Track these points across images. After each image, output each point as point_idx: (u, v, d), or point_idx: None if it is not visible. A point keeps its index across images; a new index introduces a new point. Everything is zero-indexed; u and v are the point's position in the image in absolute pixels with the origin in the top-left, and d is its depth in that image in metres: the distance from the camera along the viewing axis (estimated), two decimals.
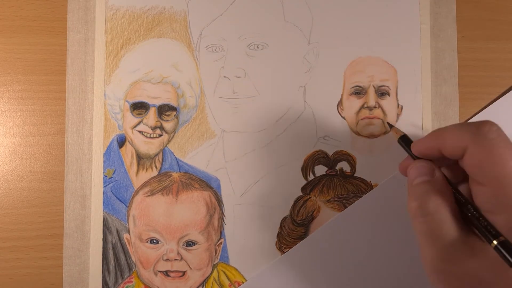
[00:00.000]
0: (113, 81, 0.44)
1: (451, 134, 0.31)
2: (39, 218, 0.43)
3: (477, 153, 0.29)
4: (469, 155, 0.29)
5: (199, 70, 0.45)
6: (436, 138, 0.32)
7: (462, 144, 0.30)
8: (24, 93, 0.44)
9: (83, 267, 0.43)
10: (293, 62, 0.45)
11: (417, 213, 0.31)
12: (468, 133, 0.30)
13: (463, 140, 0.30)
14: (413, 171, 0.33)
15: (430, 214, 0.30)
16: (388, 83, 0.45)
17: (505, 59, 0.45)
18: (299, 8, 0.45)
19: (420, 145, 0.34)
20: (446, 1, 0.45)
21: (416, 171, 0.33)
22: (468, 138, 0.30)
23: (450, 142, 0.31)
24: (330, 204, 0.43)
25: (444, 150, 0.32)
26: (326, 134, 0.44)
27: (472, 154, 0.29)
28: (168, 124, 0.44)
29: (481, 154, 0.29)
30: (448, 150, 0.31)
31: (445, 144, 0.31)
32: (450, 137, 0.31)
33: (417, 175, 0.33)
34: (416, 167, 0.33)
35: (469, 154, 0.29)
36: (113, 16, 0.45)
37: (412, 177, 0.33)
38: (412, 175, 0.33)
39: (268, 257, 0.43)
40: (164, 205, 0.43)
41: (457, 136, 0.31)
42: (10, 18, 0.45)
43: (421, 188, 0.32)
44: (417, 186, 0.32)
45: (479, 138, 0.29)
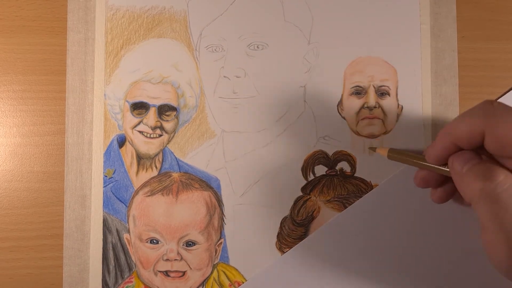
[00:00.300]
0: (113, 81, 0.44)
1: (461, 125, 0.30)
2: (39, 218, 0.43)
3: (496, 132, 0.28)
4: (490, 137, 0.29)
5: (199, 70, 0.45)
6: (447, 136, 0.32)
7: (477, 130, 0.29)
8: (24, 93, 0.44)
9: (83, 267, 0.43)
10: (293, 62, 0.45)
11: (485, 193, 0.28)
12: (477, 118, 0.29)
13: (476, 126, 0.29)
14: (457, 161, 0.31)
15: (501, 190, 0.28)
16: (388, 83, 0.45)
17: (505, 59, 0.45)
18: (299, 8, 0.45)
19: (435, 149, 0.33)
20: (446, 1, 0.45)
21: (461, 159, 0.31)
22: (480, 122, 0.29)
23: (464, 133, 0.30)
24: (330, 204, 0.43)
25: (461, 143, 0.31)
26: (326, 134, 0.44)
27: (492, 135, 0.28)
28: (168, 124, 0.44)
29: (501, 131, 0.28)
30: (465, 142, 0.30)
31: (460, 137, 0.30)
32: (462, 129, 0.30)
33: (464, 162, 0.31)
34: (458, 156, 0.31)
35: (489, 136, 0.29)
36: (113, 16, 0.45)
37: (458, 167, 0.31)
38: (458, 165, 0.31)
39: (268, 257, 0.43)
40: (164, 205, 0.43)
41: (468, 125, 0.30)
42: (10, 18, 0.45)
43: (479, 168, 0.29)
44: (471, 170, 0.30)
45: (491, 118, 0.29)
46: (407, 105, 0.44)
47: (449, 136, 0.31)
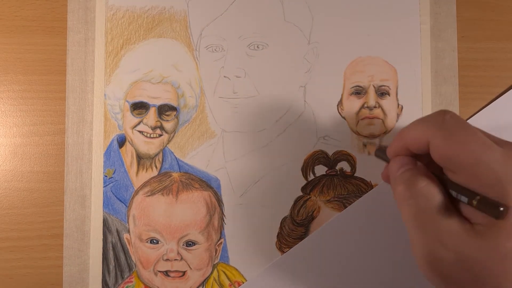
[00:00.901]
0: (113, 81, 0.44)
1: (411, 131, 0.31)
2: (39, 218, 0.43)
3: (438, 144, 0.29)
4: (432, 148, 0.30)
5: (199, 70, 0.45)
6: (400, 139, 0.33)
7: (424, 138, 0.30)
8: (24, 93, 0.44)
9: (83, 267, 0.43)
10: (293, 62, 0.45)
11: (406, 195, 0.30)
12: (426, 127, 0.30)
13: (424, 134, 0.30)
14: (395, 165, 0.33)
15: (420, 193, 0.29)
16: (388, 83, 0.45)
17: (505, 59, 0.45)
18: (299, 8, 0.45)
19: (391, 149, 0.34)
20: (446, 1, 0.45)
21: (398, 163, 0.32)
22: (427, 132, 0.30)
23: (413, 139, 0.31)
24: (330, 204, 0.43)
25: (411, 148, 0.32)
26: (326, 134, 0.44)
27: (434, 146, 0.29)
28: (168, 124, 0.44)
29: (442, 144, 0.29)
30: (414, 147, 0.31)
31: (410, 142, 0.31)
32: (412, 135, 0.31)
33: (399, 166, 0.32)
34: (397, 160, 0.33)
35: (432, 147, 0.29)
36: (113, 16, 0.45)
37: (394, 169, 0.33)
38: (395, 167, 0.33)
39: (268, 257, 0.43)
40: (164, 205, 0.43)
41: (417, 132, 0.31)
42: (10, 18, 0.45)
43: (406, 174, 0.31)
44: (402, 174, 0.32)
45: (437, 129, 0.29)
46: (407, 105, 0.44)
47: (402, 140, 0.32)
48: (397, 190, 0.31)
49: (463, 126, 0.29)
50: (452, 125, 0.29)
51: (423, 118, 0.32)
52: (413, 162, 0.32)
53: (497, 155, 0.27)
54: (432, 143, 0.29)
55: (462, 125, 0.29)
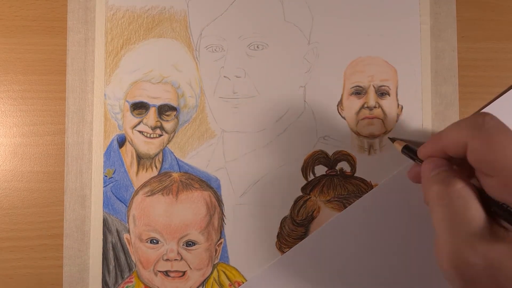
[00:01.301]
0: (113, 81, 0.44)
1: (450, 133, 0.31)
2: (39, 218, 0.43)
3: (477, 146, 0.29)
4: (470, 150, 0.29)
5: (199, 70, 0.45)
6: (438, 140, 0.32)
7: (462, 140, 0.30)
8: (24, 93, 0.44)
9: (83, 267, 0.43)
10: (293, 62, 0.45)
11: (440, 196, 0.30)
12: (465, 129, 0.30)
13: (462, 136, 0.30)
14: (429, 165, 0.32)
15: (455, 196, 0.29)
16: (388, 83, 0.45)
17: (505, 59, 0.45)
18: (299, 8, 0.45)
19: (425, 150, 0.34)
20: (446, 1, 0.45)
21: (432, 164, 0.32)
22: (466, 134, 0.30)
23: (451, 141, 0.31)
24: (330, 204, 0.43)
25: (448, 150, 0.31)
26: (326, 134, 0.44)
27: (472, 149, 0.29)
28: (168, 124, 0.44)
29: (481, 147, 0.29)
30: (451, 149, 0.31)
31: (447, 144, 0.31)
32: (450, 136, 0.31)
33: (434, 167, 0.32)
34: (431, 161, 0.32)
35: (470, 149, 0.29)
36: (113, 16, 0.45)
37: (428, 170, 0.32)
38: (429, 168, 0.32)
39: (268, 257, 0.43)
40: (164, 205, 0.43)
41: (456, 134, 0.31)
42: (10, 18, 0.45)
43: (442, 175, 0.31)
44: (436, 175, 0.31)
45: (476, 131, 0.29)
46: (407, 105, 0.44)
47: (439, 141, 0.32)
48: (431, 189, 0.30)
49: (504, 129, 0.29)
50: (492, 127, 0.29)
51: (462, 120, 0.31)
52: (449, 164, 0.32)
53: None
54: (471, 144, 0.29)
55: (503, 128, 0.29)
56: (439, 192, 0.30)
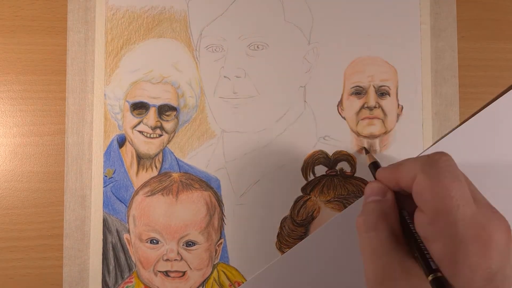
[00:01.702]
0: (113, 81, 0.44)
1: (406, 164, 0.32)
2: (39, 218, 0.43)
3: (422, 181, 0.30)
4: (416, 183, 0.30)
5: (199, 70, 0.45)
6: (394, 170, 0.33)
7: (413, 174, 0.31)
8: (24, 93, 0.44)
9: (83, 267, 0.43)
10: (293, 62, 0.45)
11: (362, 229, 0.32)
12: (418, 163, 0.31)
13: (414, 170, 0.31)
14: (367, 190, 0.35)
15: (373, 231, 0.32)
16: (388, 83, 0.45)
17: (505, 59, 0.45)
18: (299, 8, 0.45)
19: (382, 173, 0.35)
20: (446, 1, 0.45)
21: (369, 191, 0.34)
22: (418, 168, 0.30)
23: (405, 173, 0.32)
24: (330, 204, 0.43)
25: (400, 181, 0.32)
26: (326, 134, 0.44)
27: (418, 182, 0.30)
28: (168, 124, 0.44)
29: (425, 182, 0.29)
30: (403, 181, 0.32)
31: (401, 175, 0.32)
32: (405, 168, 0.32)
33: (370, 194, 0.34)
34: (370, 187, 0.35)
35: (416, 182, 0.30)
36: (113, 16, 0.45)
37: (366, 195, 0.35)
38: (366, 193, 0.35)
39: (268, 257, 0.43)
40: (164, 205, 0.43)
41: (410, 166, 0.31)
42: (10, 18, 0.45)
43: (370, 206, 0.33)
44: (367, 204, 0.34)
45: (427, 167, 0.30)
46: (407, 105, 0.44)
47: (394, 171, 0.33)
48: (358, 219, 0.33)
49: (454, 174, 0.29)
50: (443, 168, 0.30)
51: (421, 155, 0.33)
52: (383, 193, 0.34)
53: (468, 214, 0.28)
54: (418, 177, 0.30)
55: (453, 172, 0.29)
56: (362, 224, 0.33)
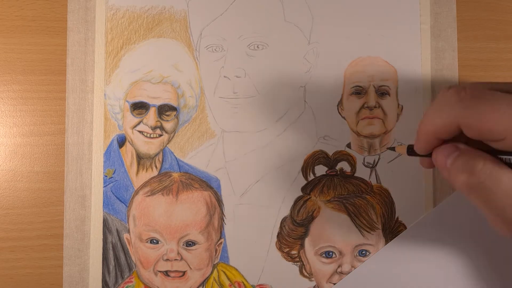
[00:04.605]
0: (113, 81, 0.44)
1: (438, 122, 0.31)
2: (39, 218, 0.43)
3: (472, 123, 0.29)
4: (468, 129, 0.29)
5: (199, 70, 0.45)
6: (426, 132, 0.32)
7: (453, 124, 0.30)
8: (24, 93, 0.44)
9: (83, 267, 0.43)
10: (293, 62, 0.45)
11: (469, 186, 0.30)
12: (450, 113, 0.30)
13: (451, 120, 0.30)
14: (440, 157, 0.32)
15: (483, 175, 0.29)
16: (388, 83, 0.45)
17: (505, 59, 0.45)
18: (299, 8, 0.45)
19: (419, 144, 0.33)
20: (446, 1, 0.45)
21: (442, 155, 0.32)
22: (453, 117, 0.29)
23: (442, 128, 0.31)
24: (330, 204, 0.43)
25: (442, 136, 0.31)
26: (326, 134, 0.44)
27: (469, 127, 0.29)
28: (168, 124, 0.44)
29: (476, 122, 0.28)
30: (445, 135, 0.31)
31: (439, 132, 0.31)
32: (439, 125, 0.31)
33: (445, 157, 0.32)
34: (439, 152, 0.32)
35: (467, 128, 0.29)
36: (113, 16, 0.45)
37: (442, 161, 0.32)
38: (442, 159, 0.32)
39: (268, 257, 0.43)
40: (164, 205, 0.43)
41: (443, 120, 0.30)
42: (10, 18, 0.45)
43: (459, 163, 0.31)
44: (453, 164, 0.31)
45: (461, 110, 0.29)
46: (407, 105, 0.44)
47: (429, 132, 0.32)
48: (457, 181, 0.31)
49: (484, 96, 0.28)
50: (473, 100, 0.29)
51: (436, 104, 0.31)
52: (456, 148, 0.32)
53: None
54: (464, 124, 0.29)
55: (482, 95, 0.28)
56: (468, 182, 0.30)
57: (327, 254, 0.43)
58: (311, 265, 0.43)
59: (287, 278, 0.43)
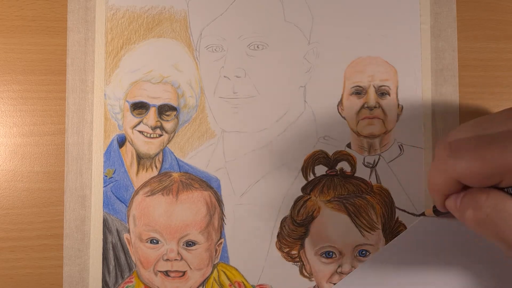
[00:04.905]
0: (113, 81, 0.44)
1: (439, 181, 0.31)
2: (39, 218, 0.43)
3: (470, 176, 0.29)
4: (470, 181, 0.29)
5: (199, 70, 0.45)
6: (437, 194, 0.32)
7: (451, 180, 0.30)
8: (24, 93, 0.44)
9: (83, 267, 0.43)
10: (293, 62, 0.45)
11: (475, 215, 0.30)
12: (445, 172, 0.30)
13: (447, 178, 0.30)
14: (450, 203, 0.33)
15: (489, 208, 0.29)
16: (388, 83, 0.45)
17: (505, 59, 0.45)
18: (299, 8, 0.45)
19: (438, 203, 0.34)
20: (446, 1, 0.45)
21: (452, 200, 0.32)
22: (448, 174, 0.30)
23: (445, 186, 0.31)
24: (330, 204, 0.43)
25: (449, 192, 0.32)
26: (326, 134, 0.44)
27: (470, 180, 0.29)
28: (168, 124, 0.44)
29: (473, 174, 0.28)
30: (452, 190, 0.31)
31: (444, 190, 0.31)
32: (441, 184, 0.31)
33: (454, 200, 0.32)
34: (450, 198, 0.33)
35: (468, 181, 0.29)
36: (113, 16, 0.45)
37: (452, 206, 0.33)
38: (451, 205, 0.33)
39: (268, 257, 0.43)
40: (164, 205, 0.43)
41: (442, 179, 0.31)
42: (10, 18, 0.45)
43: (465, 200, 0.31)
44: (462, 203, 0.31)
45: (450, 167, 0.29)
46: (407, 105, 0.44)
47: (436, 192, 0.32)
48: (467, 218, 0.31)
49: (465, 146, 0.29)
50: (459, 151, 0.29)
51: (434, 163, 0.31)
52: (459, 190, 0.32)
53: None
54: (464, 179, 0.29)
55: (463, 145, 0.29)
56: (474, 216, 0.30)
57: (327, 254, 0.43)
58: (311, 265, 0.43)
59: (287, 278, 0.43)
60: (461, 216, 0.32)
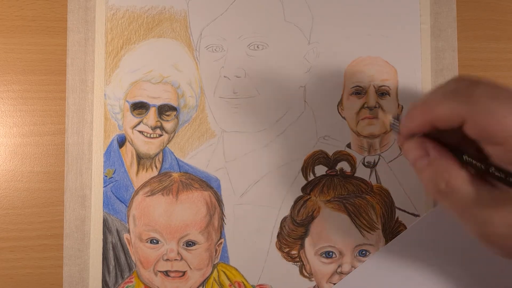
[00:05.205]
0: (113, 81, 0.44)
1: (443, 109, 0.30)
2: (39, 218, 0.43)
3: (477, 121, 0.28)
4: (471, 125, 0.29)
5: (199, 70, 0.45)
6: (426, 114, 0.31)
7: (459, 116, 0.29)
8: (24, 93, 0.44)
9: (83, 267, 0.43)
10: (293, 62, 0.45)
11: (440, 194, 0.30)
12: (457, 104, 0.29)
13: (458, 112, 0.29)
14: (413, 152, 0.32)
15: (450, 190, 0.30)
16: (388, 83, 0.45)
17: (505, 59, 0.45)
18: (299, 8, 0.45)
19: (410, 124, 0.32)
20: (446, 1, 0.45)
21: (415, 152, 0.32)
22: (460, 109, 0.29)
23: (445, 116, 0.30)
24: (330, 204, 0.43)
25: (439, 125, 0.30)
26: (326, 134, 0.44)
27: (473, 124, 0.28)
28: (168, 124, 0.44)
29: (482, 121, 0.28)
30: (443, 124, 0.30)
31: (440, 119, 0.30)
32: (444, 112, 0.30)
33: (418, 157, 0.32)
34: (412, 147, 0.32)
35: (470, 124, 0.29)
36: (113, 16, 0.45)
37: (413, 157, 0.32)
38: (413, 155, 0.32)
39: (268, 257, 0.43)
40: (164, 205, 0.43)
41: (450, 110, 0.29)
42: (10, 18, 0.45)
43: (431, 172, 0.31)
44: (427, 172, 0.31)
45: (473, 106, 0.28)
46: (407, 105, 0.44)
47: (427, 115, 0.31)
48: (426, 186, 0.31)
49: (499, 96, 0.28)
50: (486, 98, 0.28)
51: (449, 92, 0.30)
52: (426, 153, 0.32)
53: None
54: (469, 120, 0.28)
55: (498, 96, 0.28)
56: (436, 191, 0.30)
57: (327, 254, 0.43)
58: (311, 265, 0.43)
59: (287, 278, 0.43)
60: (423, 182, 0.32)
